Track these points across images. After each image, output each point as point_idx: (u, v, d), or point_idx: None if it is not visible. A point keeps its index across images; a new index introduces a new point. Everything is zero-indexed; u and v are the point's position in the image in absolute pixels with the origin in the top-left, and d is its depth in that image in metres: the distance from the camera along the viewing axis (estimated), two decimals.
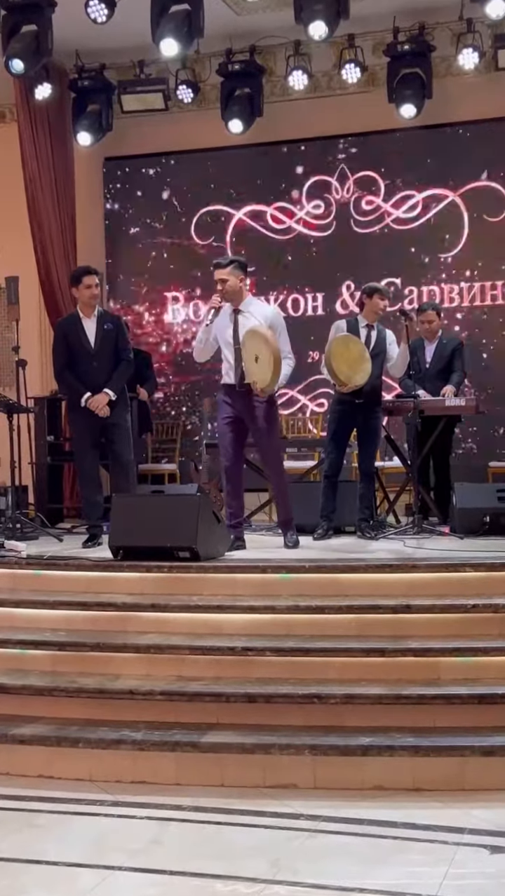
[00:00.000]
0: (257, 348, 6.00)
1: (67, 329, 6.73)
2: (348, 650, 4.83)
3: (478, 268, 9.25)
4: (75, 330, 6.67)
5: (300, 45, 8.88)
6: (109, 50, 9.05)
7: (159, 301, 10.01)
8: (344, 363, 6.48)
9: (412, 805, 4.06)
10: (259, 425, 6.24)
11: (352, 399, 6.64)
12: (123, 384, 6.77)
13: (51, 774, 4.49)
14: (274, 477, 6.49)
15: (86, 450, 6.72)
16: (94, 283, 6.67)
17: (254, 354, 6.02)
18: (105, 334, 6.67)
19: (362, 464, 6.84)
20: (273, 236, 9.75)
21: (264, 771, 4.31)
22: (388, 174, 9.44)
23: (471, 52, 8.51)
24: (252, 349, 6.03)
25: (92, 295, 6.65)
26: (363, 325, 6.76)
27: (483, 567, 5.27)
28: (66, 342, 6.67)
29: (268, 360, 5.94)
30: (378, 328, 6.80)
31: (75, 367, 6.64)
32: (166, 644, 5.00)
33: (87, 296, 6.65)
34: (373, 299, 6.74)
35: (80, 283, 6.66)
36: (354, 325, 6.77)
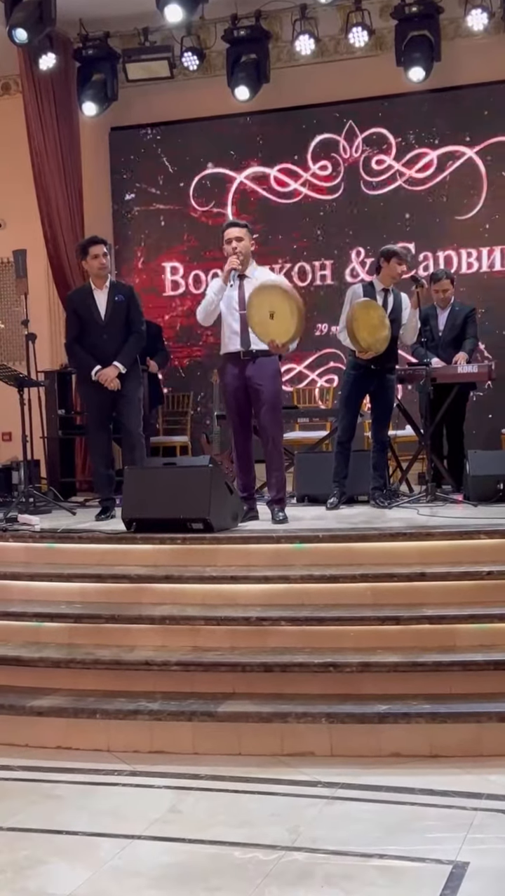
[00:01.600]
0: (272, 303, 5.83)
1: (78, 301, 6.66)
2: (363, 619, 4.82)
3: (497, 230, 9.01)
4: (86, 302, 6.59)
5: (306, 8, 8.76)
6: (113, 18, 8.95)
7: (157, 271, 9.86)
8: (365, 329, 6.40)
9: (430, 772, 4.07)
10: (262, 396, 6.10)
11: (368, 364, 6.57)
12: (135, 357, 6.68)
13: (69, 745, 4.51)
14: (271, 450, 6.19)
15: (96, 423, 6.66)
16: (102, 253, 6.55)
17: (268, 311, 5.85)
18: (116, 306, 6.58)
19: (376, 432, 6.78)
20: (277, 200, 9.57)
21: (281, 739, 4.32)
22: (399, 131, 9.20)
23: (479, 13, 8.38)
24: (265, 305, 5.85)
25: (100, 265, 6.54)
26: (379, 290, 6.64)
27: (497, 534, 5.25)
28: (77, 315, 6.61)
29: (290, 310, 5.80)
30: (395, 292, 6.70)
31: (86, 339, 6.56)
32: (181, 615, 5.01)
33: (95, 266, 6.56)
34: (391, 263, 6.60)
35: (87, 254, 6.57)
36: (371, 291, 6.64)
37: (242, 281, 6.10)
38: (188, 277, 9.80)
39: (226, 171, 9.69)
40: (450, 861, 3.28)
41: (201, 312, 6.21)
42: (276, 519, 6.05)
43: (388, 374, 6.68)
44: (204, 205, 9.74)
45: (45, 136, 8.99)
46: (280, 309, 5.83)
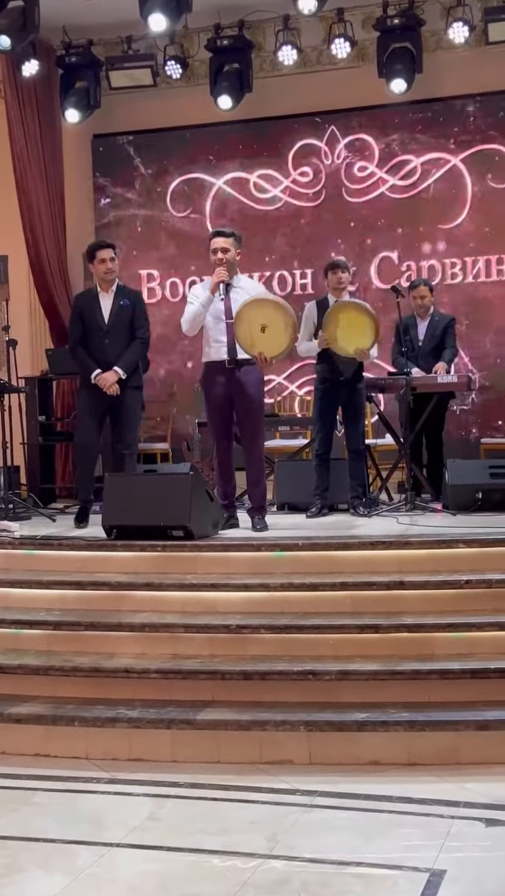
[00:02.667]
0: (266, 316, 5.87)
1: (84, 304, 6.62)
2: (343, 627, 4.84)
3: (482, 240, 8.98)
4: (91, 305, 6.55)
5: (289, 19, 8.80)
6: (97, 26, 8.96)
7: (134, 278, 9.68)
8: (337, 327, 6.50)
9: (407, 779, 4.09)
10: (246, 405, 6.15)
11: (335, 376, 6.65)
12: (136, 363, 6.59)
13: (47, 753, 4.51)
14: (253, 458, 6.24)
15: (87, 427, 6.56)
16: (109, 258, 6.52)
17: (259, 325, 5.89)
18: (120, 311, 6.54)
19: (350, 441, 6.82)
20: (256, 206, 9.52)
21: (260, 747, 4.33)
22: (381, 138, 9.16)
23: (461, 27, 8.44)
24: (256, 319, 5.89)
25: (107, 269, 6.51)
26: (333, 303, 6.73)
27: (476, 543, 5.29)
28: (82, 318, 6.57)
29: (284, 325, 5.87)
30: None
31: (88, 343, 6.52)
32: (161, 622, 5.01)
33: (101, 271, 6.52)
34: (329, 276, 6.76)
35: (95, 258, 6.53)
36: (326, 305, 6.74)
37: (228, 290, 6.11)
38: (165, 285, 9.78)
39: (204, 176, 9.66)
40: (427, 869, 3.30)
41: (187, 323, 6.21)
42: (256, 527, 6.07)
43: (356, 384, 6.73)
44: (182, 211, 9.73)
45: (28, 143, 8.98)
46: (274, 323, 5.88)
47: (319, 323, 6.68)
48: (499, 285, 9.00)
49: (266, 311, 5.91)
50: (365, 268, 9.23)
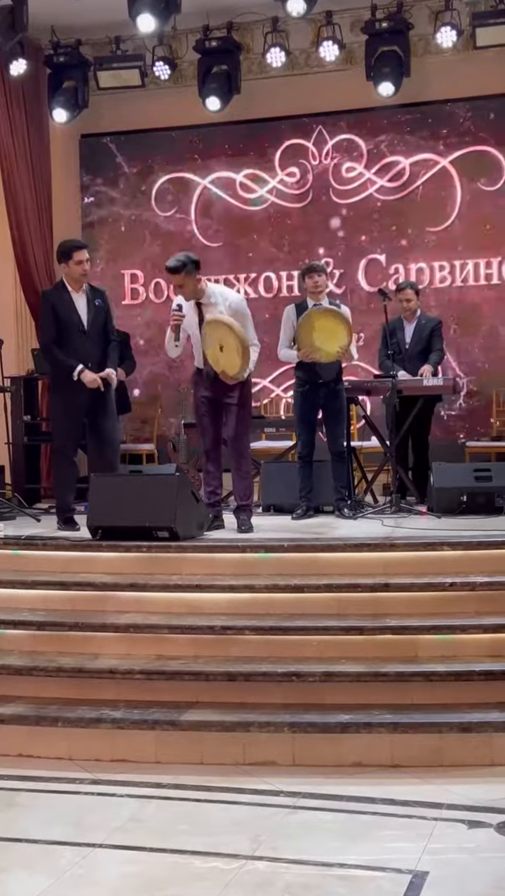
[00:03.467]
0: (221, 337, 5.97)
1: (57, 303, 6.38)
2: (327, 629, 4.85)
3: (471, 243, 8.98)
4: (65, 305, 6.36)
5: (278, 21, 8.82)
6: (85, 26, 8.95)
7: (117, 279, 9.71)
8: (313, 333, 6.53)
9: (391, 781, 4.10)
10: (232, 408, 6.20)
11: (313, 379, 6.67)
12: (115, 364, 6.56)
13: (30, 753, 4.49)
14: (239, 460, 6.28)
15: (69, 431, 6.41)
16: (85, 259, 6.37)
17: (217, 344, 5.99)
18: (97, 312, 6.42)
19: (332, 443, 6.83)
20: (243, 207, 9.52)
21: (244, 748, 4.33)
22: (370, 138, 9.15)
23: (449, 31, 8.48)
24: (215, 338, 5.99)
25: (83, 271, 6.35)
26: (312, 306, 6.74)
27: (460, 546, 5.31)
28: (56, 317, 6.36)
29: (235, 347, 5.95)
30: (332, 304, 6.80)
31: (65, 343, 6.32)
32: (145, 623, 5.01)
33: (77, 272, 6.32)
34: (305, 281, 6.75)
35: (70, 258, 6.32)
36: (304, 308, 6.74)
37: (200, 308, 6.14)
38: (149, 286, 9.76)
39: (189, 175, 9.64)
40: (410, 870, 3.31)
41: (168, 350, 6.32)
42: (241, 528, 6.08)
43: (336, 386, 6.75)
44: (166, 210, 9.72)
45: (15, 142, 8.96)
46: (227, 344, 5.98)
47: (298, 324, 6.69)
48: (487, 289, 9.02)
49: (220, 332, 5.99)
50: (352, 270, 9.25)
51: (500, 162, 8.93)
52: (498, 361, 8.95)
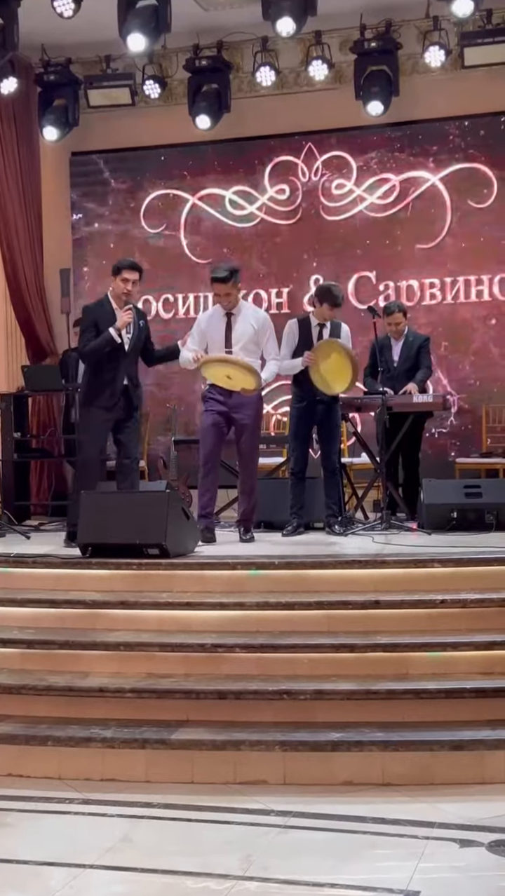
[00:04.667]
0: (226, 371, 6.31)
1: (100, 317, 6.40)
2: (318, 646, 4.84)
3: (461, 260, 9.02)
4: (107, 320, 6.37)
5: (267, 41, 8.89)
6: (76, 45, 9.00)
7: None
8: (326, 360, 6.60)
9: (382, 800, 4.08)
10: (246, 422, 6.46)
11: (311, 396, 6.69)
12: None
13: (20, 773, 4.46)
14: (249, 474, 6.57)
15: (96, 445, 6.48)
16: (133, 279, 6.40)
17: (224, 375, 6.33)
18: (139, 331, 6.46)
19: (326, 460, 6.86)
20: (232, 223, 9.55)
21: (235, 767, 4.31)
22: (360, 155, 9.20)
23: (437, 50, 8.56)
24: (221, 374, 6.33)
25: (126, 290, 6.39)
26: (315, 325, 6.77)
27: (451, 562, 5.31)
28: (97, 331, 6.37)
29: (242, 373, 6.26)
30: (332, 324, 6.80)
31: (105, 364, 6.36)
32: (136, 641, 4.99)
33: (121, 289, 6.39)
34: (322, 307, 6.72)
35: (119, 273, 6.40)
36: (307, 324, 6.78)
37: (230, 318, 6.46)
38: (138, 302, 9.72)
39: (178, 192, 9.67)
40: (401, 890, 3.29)
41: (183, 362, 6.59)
42: (243, 538, 6.37)
43: (333, 403, 6.79)
44: (155, 227, 9.74)
45: (5, 160, 9.00)
46: (233, 373, 6.31)
47: (299, 341, 6.71)
48: (478, 306, 9.05)
49: (225, 368, 6.31)
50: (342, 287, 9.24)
51: (490, 179, 8.98)
52: (488, 378, 8.98)
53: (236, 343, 6.46)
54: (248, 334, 6.49)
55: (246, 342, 6.48)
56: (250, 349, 6.51)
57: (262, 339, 6.54)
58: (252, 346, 6.52)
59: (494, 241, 8.98)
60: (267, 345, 6.55)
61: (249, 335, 6.49)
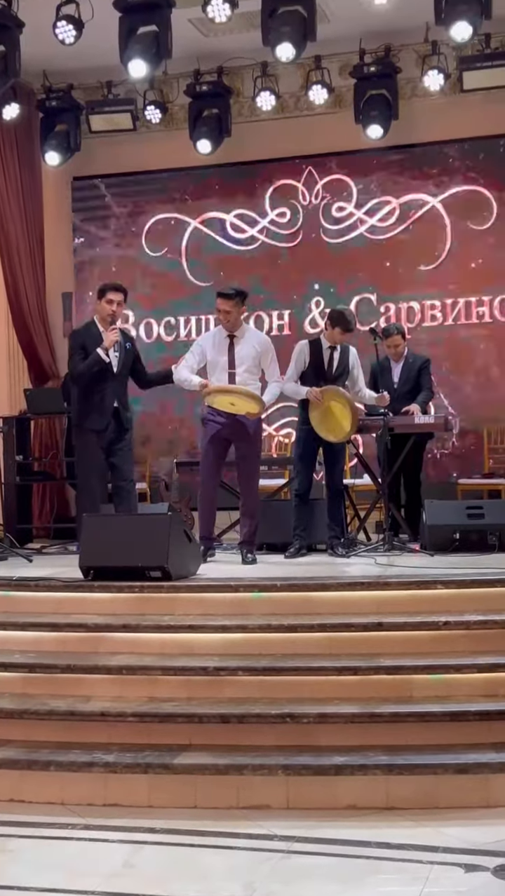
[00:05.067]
0: (230, 399, 6.39)
1: (87, 340, 6.51)
2: (321, 669, 4.82)
3: (462, 282, 9.06)
4: (94, 342, 6.47)
5: (267, 66, 8.95)
6: (77, 70, 9.07)
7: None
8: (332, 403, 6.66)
9: (386, 824, 4.05)
10: (246, 444, 6.54)
11: None
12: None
13: (22, 798, 4.44)
14: (250, 495, 6.63)
15: (95, 470, 6.55)
16: (117, 300, 6.54)
17: (228, 402, 6.41)
18: (126, 354, 6.57)
19: (331, 481, 6.87)
20: (233, 247, 9.61)
21: (238, 792, 4.28)
22: (360, 178, 9.26)
23: (436, 74, 8.62)
24: (225, 401, 6.42)
25: (111, 311, 6.51)
26: (326, 347, 6.80)
27: (454, 584, 5.29)
28: (85, 353, 6.48)
29: (245, 400, 6.36)
30: (341, 347, 6.83)
31: (94, 381, 6.46)
32: (138, 665, 4.97)
33: (106, 311, 6.51)
34: (334, 331, 6.74)
35: (104, 296, 6.55)
36: (318, 346, 6.81)
37: (232, 340, 6.54)
38: (139, 326, 9.81)
39: (180, 215, 9.72)
40: None
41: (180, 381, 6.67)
42: (246, 559, 6.39)
43: None
44: (157, 250, 9.79)
45: (7, 184, 9.06)
46: (237, 400, 6.42)
47: (310, 363, 6.73)
48: (479, 327, 9.08)
49: (228, 397, 6.43)
50: None
51: (489, 201, 9.03)
52: (490, 399, 9.00)
53: (240, 365, 6.53)
54: (251, 356, 6.56)
55: (249, 364, 6.56)
56: (253, 371, 6.60)
57: (264, 361, 6.62)
58: (255, 369, 6.61)
59: (494, 262, 9.02)
60: (269, 367, 6.63)
61: (252, 357, 6.57)
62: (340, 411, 6.61)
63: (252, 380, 6.58)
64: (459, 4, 6.84)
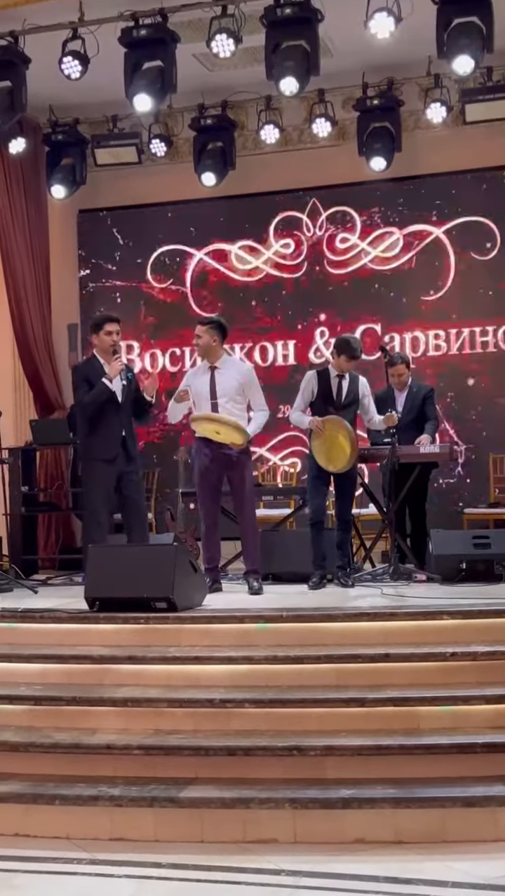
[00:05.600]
0: (215, 427, 6.45)
1: (90, 374, 6.57)
2: (328, 700, 4.79)
3: (465, 311, 9.10)
4: (98, 376, 6.53)
5: (271, 100, 9.04)
6: (83, 105, 9.16)
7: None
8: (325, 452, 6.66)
9: (394, 858, 4.02)
10: (234, 472, 6.56)
11: None
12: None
13: (27, 833, 4.41)
14: (247, 526, 6.64)
15: (103, 501, 6.56)
16: (115, 331, 6.62)
17: (213, 430, 6.46)
18: (128, 385, 6.62)
19: (340, 511, 6.85)
20: (238, 278, 9.67)
21: (244, 826, 4.25)
22: (363, 210, 9.33)
23: (439, 107, 8.69)
24: (210, 429, 6.48)
25: (112, 342, 6.59)
26: (334, 376, 6.82)
27: (460, 614, 5.27)
28: (90, 386, 6.54)
29: (228, 430, 6.42)
30: (350, 376, 6.84)
31: (102, 417, 6.51)
32: (144, 697, 4.95)
33: (107, 343, 6.59)
34: (340, 359, 6.75)
35: (101, 329, 6.61)
36: (326, 376, 6.83)
37: (213, 372, 6.58)
38: (144, 356, 9.85)
39: (185, 247, 9.79)
40: None
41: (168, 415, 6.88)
42: (251, 589, 6.38)
43: None
44: (162, 281, 9.85)
45: (14, 217, 9.12)
46: (221, 429, 6.48)
47: (318, 392, 6.75)
48: (483, 356, 9.11)
49: (213, 425, 6.49)
50: None
51: (492, 232, 9.09)
52: (495, 428, 9.00)
53: (221, 396, 6.58)
54: (233, 387, 6.61)
55: (231, 394, 6.60)
56: (237, 401, 6.64)
57: (247, 391, 6.67)
58: (239, 398, 6.65)
59: (497, 292, 9.06)
60: (253, 396, 6.67)
61: (234, 388, 6.61)
62: (341, 442, 6.60)
63: (236, 409, 6.62)
64: (460, 38, 6.89)
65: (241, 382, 6.62)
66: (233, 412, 6.56)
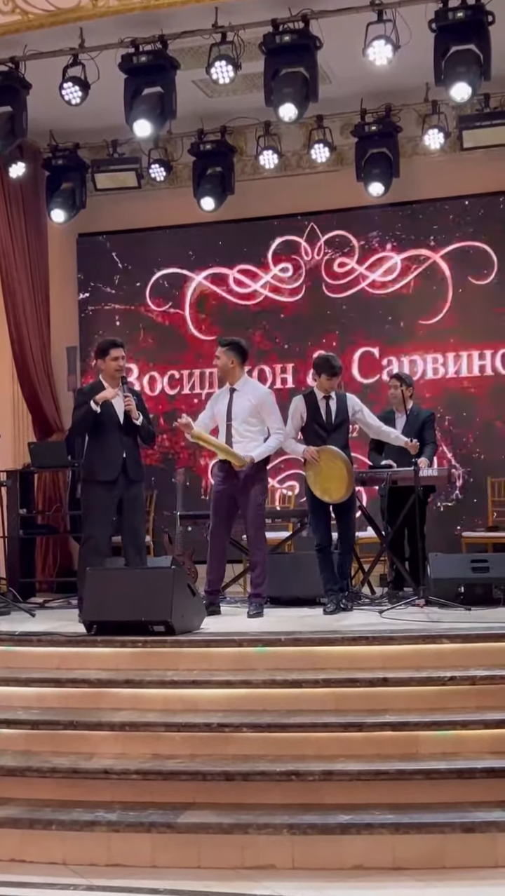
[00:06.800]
0: (210, 448, 6.67)
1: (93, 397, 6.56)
2: (326, 725, 4.78)
3: (463, 335, 9.12)
4: (105, 403, 6.52)
5: (270, 125, 9.11)
6: (83, 130, 9.22)
7: None
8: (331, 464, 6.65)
9: (392, 885, 3.99)
10: (241, 495, 6.59)
11: None
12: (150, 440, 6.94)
13: (23, 858, 4.38)
14: (255, 547, 6.66)
15: (102, 524, 6.53)
16: (121, 356, 6.63)
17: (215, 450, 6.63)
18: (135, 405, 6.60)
19: (343, 534, 6.82)
20: (236, 301, 9.70)
21: (242, 851, 4.22)
22: (361, 234, 9.37)
23: (436, 133, 8.76)
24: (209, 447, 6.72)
25: (118, 367, 6.59)
26: (321, 398, 6.81)
27: (459, 638, 5.27)
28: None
29: (220, 453, 6.59)
30: (337, 395, 6.84)
31: (102, 437, 6.51)
32: (141, 721, 4.93)
33: (112, 368, 6.59)
34: (321, 379, 6.76)
35: (108, 354, 6.60)
36: (313, 398, 6.82)
37: (233, 394, 6.69)
38: (143, 379, 9.87)
39: (183, 271, 9.83)
40: None
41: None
42: (250, 612, 6.40)
43: None
44: (161, 305, 9.89)
45: (14, 241, 9.16)
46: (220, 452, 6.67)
47: (308, 416, 6.75)
48: (481, 380, 9.13)
49: (207, 446, 6.70)
50: (346, 362, 9.33)
51: (490, 257, 9.13)
52: (493, 452, 9.01)
53: (236, 417, 6.66)
54: (247, 409, 6.67)
55: (246, 416, 6.66)
56: (252, 423, 6.68)
57: (262, 413, 6.71)
58: (254, 420, 6.69)
59: (495, 316, 9.10)
60: (268, 418, 6.71)
61: (248, 409, 6.67)
62: (337, 473, 6.58)
63: (251, 432, 6.64)
64: (458, 66, 6.95)
65: (255, 404, 6.67)
66: (245, 434, 6.61)
